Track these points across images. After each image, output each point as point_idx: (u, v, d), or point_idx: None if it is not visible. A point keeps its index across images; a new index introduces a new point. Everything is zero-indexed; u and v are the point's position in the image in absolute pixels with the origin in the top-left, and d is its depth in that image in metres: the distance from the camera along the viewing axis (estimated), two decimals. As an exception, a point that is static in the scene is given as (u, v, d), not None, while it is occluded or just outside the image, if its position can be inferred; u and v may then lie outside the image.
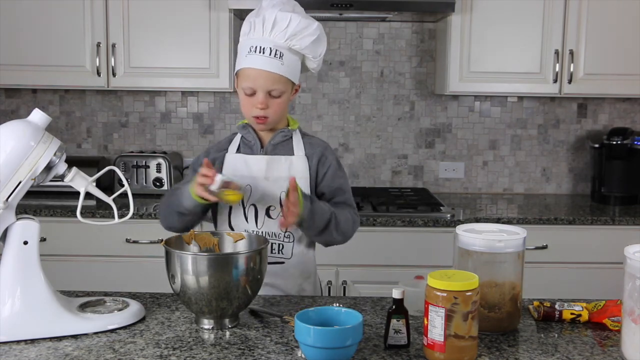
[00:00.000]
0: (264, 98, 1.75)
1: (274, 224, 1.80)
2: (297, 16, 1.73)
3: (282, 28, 1.72)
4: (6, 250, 1.48)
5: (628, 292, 1.35)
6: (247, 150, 1.86)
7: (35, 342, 1.45)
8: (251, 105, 1.77)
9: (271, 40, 1.72)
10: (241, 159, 1.84)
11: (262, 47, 1.72)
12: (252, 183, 1.80)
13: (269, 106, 1.76)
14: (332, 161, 1.87)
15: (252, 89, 1.75)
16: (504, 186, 3.54)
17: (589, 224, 2.91)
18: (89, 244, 2.89)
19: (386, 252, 2.85)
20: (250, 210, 1.81)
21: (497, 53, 3.09)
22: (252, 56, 1.73)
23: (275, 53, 1.72)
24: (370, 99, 3.48)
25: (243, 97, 1.78)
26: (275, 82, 1.74)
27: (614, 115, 3.48)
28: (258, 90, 1.74)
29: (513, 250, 1.50)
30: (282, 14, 1.72)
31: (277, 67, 1.73)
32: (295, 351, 1.40)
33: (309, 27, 1.74)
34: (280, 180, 1.80)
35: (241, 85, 1.78)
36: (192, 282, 1.48)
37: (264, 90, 1.74)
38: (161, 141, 3.50)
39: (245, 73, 1.75)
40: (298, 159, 1.84)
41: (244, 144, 1.87)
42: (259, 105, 1.75)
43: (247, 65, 1.74)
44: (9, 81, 3.14)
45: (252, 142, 1.85)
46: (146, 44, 3.09)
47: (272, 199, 1.80)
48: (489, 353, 1.41)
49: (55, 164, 1.49)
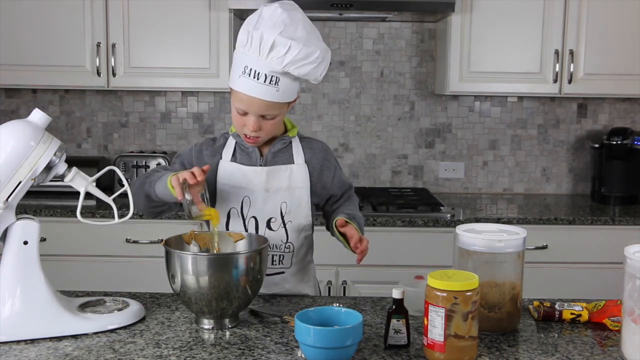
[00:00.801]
0: (255, 122, 1.66)
1: (275, 235, 1.76)
2: (297, 44, 1.58)
3: (279, 54, 1.58)
4: (6, 250, 1.48)
5: (628, 292, 1.35)
6: (245, 158, 1.77)
7: (35, 342, 1.45)
8: (243, 123, 1.69)
9: (267, 64, 1.60)
10: (238, 169, 1.76)
11: (257, 72, 1.60)
12: (251, 195, 1.75)
13: (262, 127, 1.68)
14: (334, 163, 1.87)
15: (244, 111, 1.67)
16: (504, 186, 3.54)
17: (589, 224, 2.91)
18: (89, 244, 2.89)
19: (386, 252, 2.85)
20: (250, 222, 1.76)
21: (497, 53, 3.09)
22: (246, 80, 1.62)
23: (271, 80, 1.61)
24: (370, 99, 3.48)
25: (235, 114, 1.69)
26: (270, 108, 1.65)
27: (614, 115, 3.48)
28: (250, 114, 1.66)
29: (513, 250, 1.50)
30: (281, 39, 1.58)
31: (272, 94, 1.62)
32: (295, 351, 1.40)
33: (309, 56, 1.60)
34: (281, 191, 1.76)
35: (233, 103, 1.69)
36: (192, 282, 1.48)
37: (256, 114, 1.66)
38: (161, 141, 3.50)
39: (238, 95, 1.65)
40: (298, 168, 1.79)
41: (241, 151, 1.78)
42: (250, 129, 1.67)
43: (240, 89, 1.64)
44: (9, 81, 3.14)
45: (251, 150, 1.77)
46: (146, 44, 3.09)
47: (272, 211, 1.76)
48: (489, 353, 1.41)
49: (55, 164, 1.49)
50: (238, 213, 1.76)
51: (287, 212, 1.76)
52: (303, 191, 1.78)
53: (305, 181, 1.79)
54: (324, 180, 1.83)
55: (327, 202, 1.89)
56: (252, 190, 1.75)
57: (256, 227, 1.76)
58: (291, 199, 1.77)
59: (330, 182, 1.85)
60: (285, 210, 1.76)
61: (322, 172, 1.83)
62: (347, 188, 1.92)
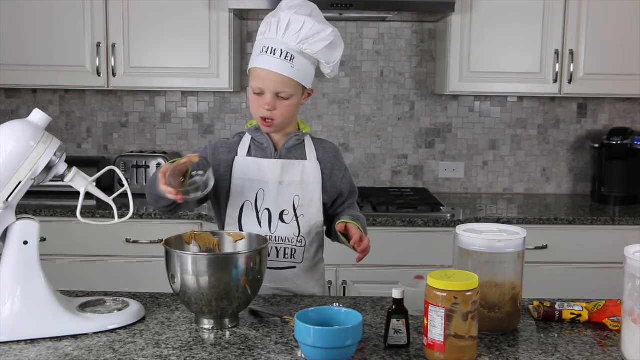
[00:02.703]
0: (271, 99, 1.73)
1: (287, 228, 1.80)
2: (311, 20, 1.71)
3: (295, 31, 1.70)
4: (6, 250, 1.49)
5: (628, 292, 1.35)
6: (260, 153, 1.83)
7: (35, 342, 1.45)
8: (259, 105, 1.75)
9: (283, 42, 1.71)
10: (254, 162, 1.81)
11: (274, 48, 1.71)
12: (265, 187, 1.79)
13: (277, 108, 1.74)
14: (344, 164, 1.93)
15: (260, 89, 1.74)
16: (504, 186, 3.54)
17: (589, 224, 2.91)
18: (89, 244, 2.89)
19: (386, 252, 2.85)
20: (263, 214, 1.79)
21: (497, 53, 3.09)
22: (263, 56, 1.72)
23: (287, 55, 1.71)
24: (370, 99, 3.48)
25: (252, 96, 1.77)
26: (284, 84, 1.73)
27: (614, 115, 3.48)
28: (266, 91, 1.73)
29: (513, 250, 1.50)
30: (297, 17, 1.70)
31: (287, 69, 1.71)
32: (295, 351, 1.40)
33: (322, 31, 1.72)
34: (294, 185, 1.81)
35: (251, 85, 1.77)
36: (192, 282, 1.48)
37: (272, 91, 1.73)
38: (161, 141, 3.51)
39: (256, 73, 1.74)
40: (311, 164, 1.84)
41: (256, 147, 1.84)
42: (266, 107, 1.74)
43: (257, 65, 1.73)
44: (9, 81, 3.14)
45: (265, 144, 1.83)
46: (146, 44, 3.09)
47: (285, 203, 1.80)
48: (489, 353, 1.41)
49: (55, 164, 1.49)
50: (252, 206, 1.80)
51: (300, 206, 1.81)
52: (315, 186, 1.83)
53: (318, 177, 1.84)
54: (334, 179, 1.88)
55: (332, 204, 1.91)
56: (266, 182, 1.79)
57: (269, 220, 1.79)
58: (304, 192, 1.82)
59: (340, 182, 1.90)
60: (297, 204, 1.81)
61: (333, 170, 1.88)
62: (354, 193, 1.96)
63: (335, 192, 1.90)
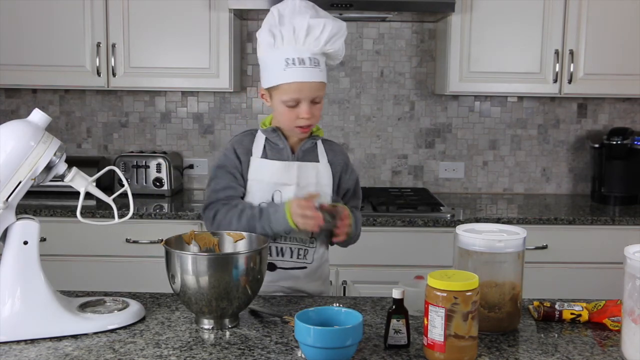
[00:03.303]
0: (309, 108, 1.73)
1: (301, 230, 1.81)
2: (329, 21, 1.71)
3: (315, 35, 1.70)
4: (6, 250, 1.48)
5: (628, 292, 1.35)
6: (275, 154, 1.83)
7: (35, 342, 1.45)
8: (295, 116, 1.75)
9: (306, 49, 1.70)
10: (271, 164, 1.81)
11: (301, 58, 1.70)
12: (282, 189, 1.80)
13: (313, 114, 1.75)
14: (352, 167, 1.96)
15: (296, 100, 1.73)
16: (504, 186, 3.54)
17: (589, 224, 2.91)
18: (89, 244, 2.89)
19: (386, 252, 2.85)
20: None
21: (497, 53, 3.09)
22: (293, 69, 1.70)
23: (314, 61, 1.71)
24: (370, 99, 3.48)
25: (284, 109, 1.75)
26: (319, 89, 1.74)
27: (614, 115, 3.48)
28: (302, 101, 1.73)
29: (513, 250, 1.50)
30: (314, 21, 1.70)
31: (318, 75, 1.72)
32: (295, 351, 1.40)
33: (341, 28, 1.73)
34: (309, 187, 1.82)
35: (281, 99, 1.74)
36: (192, 282, 1.48)
37: (308, 100, 1.73)
38: (161, 141, 3.50)
39: (289, 87, 1.72)
40: (323, 167, 1.86)
41: (271, 147, 1.84)
42: (306, 116, 1.74)
43: (289, 79, 1.71)
44: (9, 81, 3.14)
45: (282, 146, 1.83)
46: (146, 44, 3.09)
47: None
48: (489, 353, 1.41)
49: (55, 164, 1.49)
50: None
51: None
52: (327, 189, 1.86)
53: (329, 180, 1.87)
54: (343, 181, 1.91)
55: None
56: (283, 184, 1.80)
57: None
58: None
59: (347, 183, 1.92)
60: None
61: (343, 173, 1.91)
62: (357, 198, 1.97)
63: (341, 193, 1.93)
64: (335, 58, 1.80)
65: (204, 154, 3.51)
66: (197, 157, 3.51)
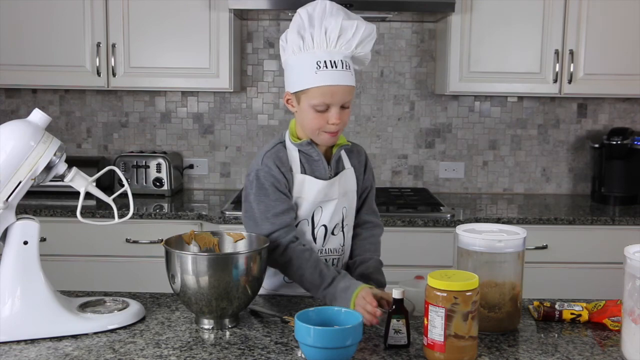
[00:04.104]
0: (339, 113, 1.68)
1: (335, 239, 1.80)
2: (361, 23, 1.67)
3: (348, 37, 1.65)
4: (6, 250, 1.49)
5: (628, 292, 1.35)
6: (312, 167, 1.76)
7: (35, 342, 1.45)
8: (324, 121, 1.68)
9: (338, 51, 1.65)
10: (315, 183, 1.74)
11: (333, 61, 1.65)
12: (324, 206, 1.76)
13: (342, 119, 1.69)
14: (370, 164, 1.92)
15: (327, 104, 1.67)
16: (504, 186, 3.54)
17: (589, 224, 2.91)
18: (89, 244, 2.89)
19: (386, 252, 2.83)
20: (319, 230, 1.78)
21: (497, 53, 3.09)
22: (325, 72, 1.64)
23: (345, 65, 1.66)
24: (370, 99, 3.48)
25: (312, 114, 1.68)
26: (350, 93, 1.68)
27: (614, 115, 3.48)
28: (333, 106, 1.66)
29: (513, 250, 1.50)
30: (347, 23, 1.65)
31: (350, 79, 1.67)
32: (295, 351, 1.40)
33: (372, 31, 1.69)
34: (342, 197, 1.79)
35: (310, 103, 1.67)
36: (192, 282, 1.48)
37: (339, 104, 1.67)
38: (161, 141, 3.51)
39: (319, 91, 1.65)
40: (350, 173, 1.83)
41: (307, 161, 1.76)
42: (336, 121, 1.67)
43: (321, 82, 1.64)
44: (9, 81, 3.14)
45: (317, 157, 1.76)
46: (146, 44, 3.09)
47: (338, 218, 1.80)
48: (489, 353, 1.41)
49: (55, 164, 1.49)
50: (308, 222, 1.77)
51: (346, 216, 1.82)
52: (354, 194, 1.84)
53: (355, 185, 1.84)
54: (364, 180, 1.89)
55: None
56: (327, 202, 1.77)
57: (325, 235, 1.79)
58: (349, 203, 1.83)
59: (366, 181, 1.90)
60: (344, 214, 1.81)
61: (364, 175, 1.89)
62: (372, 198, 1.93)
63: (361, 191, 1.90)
64: (363, 62, 1.75)
65: (204, 154, 3.51)
66: (197, 157, 3.51)
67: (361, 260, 1.83)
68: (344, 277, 1.65)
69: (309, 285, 1.67)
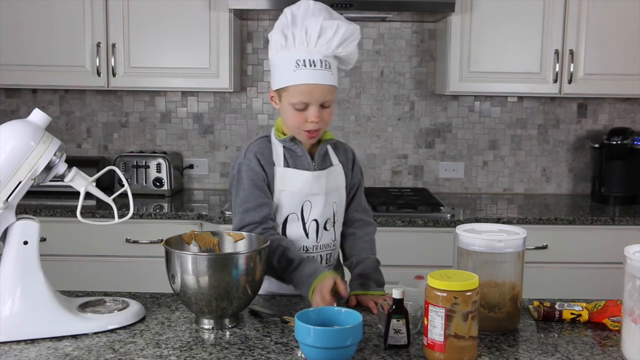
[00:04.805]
0: (318, 111, 1.69)
1: (328, 235, 1.82)
2: (343, 23, 1.68)
3: (328, 37, 1.66)
4: (6, 250, 1.49)
5: (628, 292, 1.35)
6: (296, 162, 1.78)
7: (35, 342, 1.45)
8: (303, 119, 1.70)
9: (318, 51, 1.67)
10: (300, 175, 1.77)
11: (312, 59, 1.66)
12: (312, 199, 1.77)
13: (322, 118, 1.71)
14: (358, 161, 1.95)
15: (305, 103, 1.69)
16: (504, 186, 3.54)
17: (589, 224, 2.91)
18: (89, 244, 2.89)
19: (386, 252, 2.83)
20: (311, 225, 1.79)
21: (497, 53, 3.09)
22: (303, 70, 1.66)
23: (325, 64, 1.67)
24: (370, 99, 3.48)
25: (292, 112, 1.71)
26: (329, 93, 1.70)
27: (614, 115, 3.48)
28: (311, 104, 1.69)
29: (513, 250, 1.50)
30: (327, 23, 1.66)
31: (329, 78, 1.68)
32: (295, 351, 1.40)
33: (354, 32, 1.70)
34: (332, 192, 1.82)
35: (290, 101, 1.70)
36: (192, 282, 1.48)
37: (318, 103, 1.69)
38: (161, 141, 3.50)
39: (297, 89, 1.68)
40: (339, 169, 1.86)
41: (290, 156, 1.78)
42: (314, 119, 1.69)
43: (299, 81, 1.67)
44: (9, 81, 3.14)
45: (301, 153, 1.78)
46: (146, 44, 3.09)
47: (329, 212, 1.81)
48: (489, 353, 1.41)
49: (55, 164, 1.49)
50: (298, 217, 1.78)
51: (337, 212, 1.84)
52: (344, 190, 1.87)
53: (344, 181, 1.87)
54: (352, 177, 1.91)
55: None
56: (314, 194, 1.78)
57: (316, 230, 1.80)
58: (339, 198, 1.85)
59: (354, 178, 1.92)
60: (335, 210, 1.83)
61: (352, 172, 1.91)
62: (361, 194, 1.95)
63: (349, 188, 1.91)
64: (348, 62, 1.76)
65: (204, 154, 3.51)
66: (197, 157, 3.51)
67: (358, 260, 1.85)
68: (310, 262, 1.69)
69: (278, 271, 1.70)
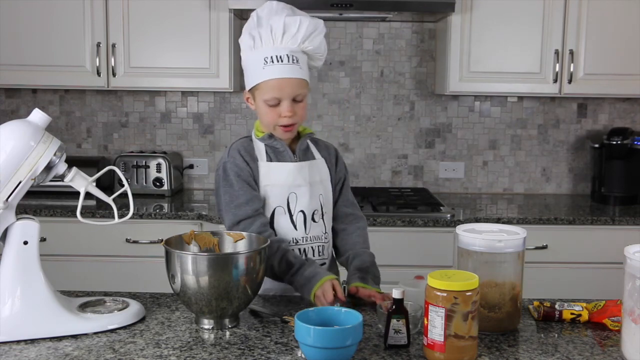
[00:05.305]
0: (290, 106, 1.74)
1: (317, 227, 1.84)
2: (305, 19, 1.74)
3: (293, 33, 1.72)
4: (6, 250, 1.49)
5: (628, 292, 1.35)
6: (278, 158, 1.83)
7: (35, 342, 1.45)
8: (276, 115, 1.75)
9: (284, 47, 1.72)
10: (283, 167, 1.81)
11: (279, 55, 1.72)
12: (297, 190, 1.81)
13: (295, 112, 1.75)
14: (341, 157, 1.98)
15: (277, 98, 1.74)
16: (504, 186, 3.54)
17: (589, 224, 2.91)
18: (89, 244, 2.89)
19: (386, 252, 2.83)
20: (298, 216, 1.81)
21: (497, 53, 3.09)
22: (271, 67, 1.72)
23: (292, 58, 1.72)
24: (370, 99, 3.48)
25: (266, 109, 1.76)
26: (300, 87, 1.75)
27: (614, 115, 3.48)
28: (283, 99, 1.74)
29: (513, 250, 1.50)
30: (290, 19, 1.72)
31: (298, 71, 1.73)
32: (295, 351, 1.40)
33: (318, 26, 1.76)
34: (317, 184, 1.85)
35: (262, 98, 1.75)
36: (192, 282, 1.48)
37: (289, 97, 1.73)
38: (161, 141, 3.50)
39: (268, 85, 1.73)
40: (322, 163, 1.89)
41: (272, 152, 1.83)
42: (287, 114, 1.74)
43: (268, 77, 1.72)
44: (9, 81, 3.14)
45: (282, 149, 1.82)
46: (146, 44, 3.09)
47: (315, 203, 1.83)
48: (489, 353, 1.41)
49: (55, 164, 1.49)
50: (284, 210, 1.81)
51: (324, 204, 1.86)
52: (329, 184, 1.90)
53: (327, 174, 1.90)
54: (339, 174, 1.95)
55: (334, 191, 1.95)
56: (298, 186, 1.81)
57: (304, 221, 1.82)
58: (325, 191, 1.88)
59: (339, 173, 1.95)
60: (322, 202, 1.85)
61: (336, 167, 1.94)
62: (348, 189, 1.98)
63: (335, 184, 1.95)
64: (317, 57, 1.81)
65: (204, 154, 3.51)
66: (197, 157, 3.51)
67: (354, 253, 1.88)
68: (309, 265, 1.71)
69: (279, 274, 1.72)
